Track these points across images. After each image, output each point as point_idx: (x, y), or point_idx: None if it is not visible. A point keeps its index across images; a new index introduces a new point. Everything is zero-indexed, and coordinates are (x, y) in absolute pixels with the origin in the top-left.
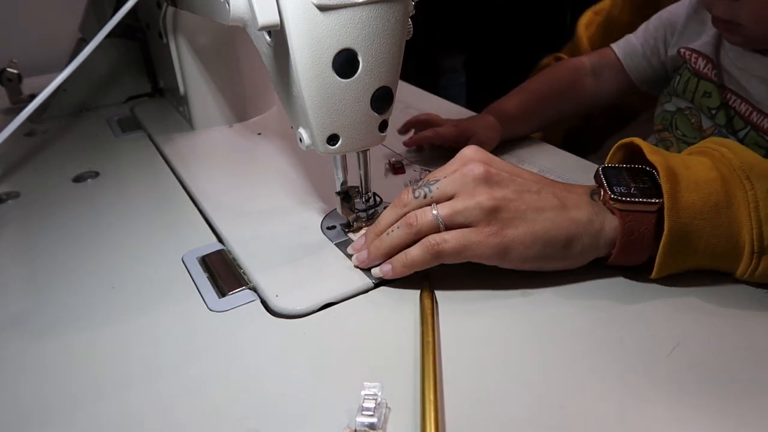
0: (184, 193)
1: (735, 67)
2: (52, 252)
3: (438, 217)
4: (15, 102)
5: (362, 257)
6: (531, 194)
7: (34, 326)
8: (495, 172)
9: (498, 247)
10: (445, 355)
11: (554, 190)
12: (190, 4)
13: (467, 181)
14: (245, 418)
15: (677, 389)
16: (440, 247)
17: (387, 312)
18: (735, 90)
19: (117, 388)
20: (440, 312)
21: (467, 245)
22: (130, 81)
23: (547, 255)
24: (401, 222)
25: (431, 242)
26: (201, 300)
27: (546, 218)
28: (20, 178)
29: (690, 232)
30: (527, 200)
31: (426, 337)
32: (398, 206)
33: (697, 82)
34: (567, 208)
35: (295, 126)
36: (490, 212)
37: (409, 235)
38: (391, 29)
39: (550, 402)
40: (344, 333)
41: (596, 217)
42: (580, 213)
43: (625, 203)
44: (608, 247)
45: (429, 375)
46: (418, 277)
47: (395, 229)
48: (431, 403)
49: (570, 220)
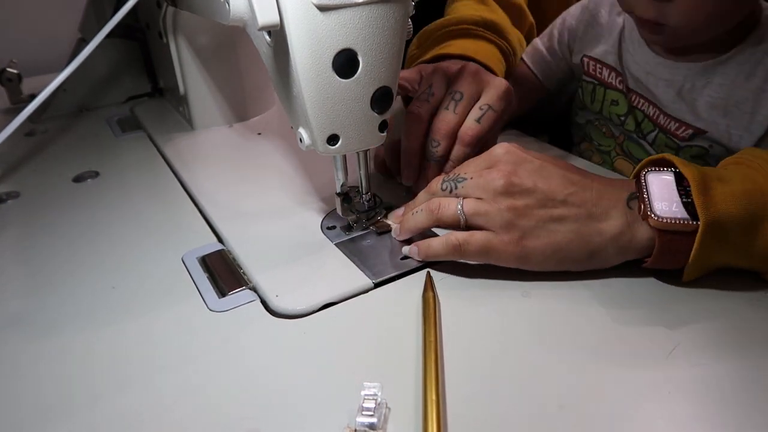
0: (184, 193)
1: (641, 71)
2: (52, 252)
3: (460, 211)
4: (15, 102)
5: (396, 231)
6: (555, 203)
7: (34, 326)
8: (518, 182)
9: (517, 255)
10: (446, 354)
11: (584, 196)
12: (190, 4)
13: (489, 188)
14: (245, 418)
15: (677, 389)
16: (462, 247)
17: (387, 312)
18: (642, 94)
19: (117, 388)
20: (442, 310)
21: (488, 251)
22: (130, 81)
23: (568, 263)
24: (425, 206)
25: (454, 241)
26: (201, 300)
27: (569, 230)
28: (20, 178)
29: (720, 248)
30: (550, 210)
31: (428, 336)
32: (429, 192)
33: (604, 92)
34: (594, 218)
35: (295, 126)
36: (509, 222)
37: (430, 221)
38: (391, 29)
39: (550, 402)
40: (344, 333)
41: (628, 228)
42: (609, 225)
43: (666, 224)
44: (637, 253)
45: (431, 375)
46: (420, 276)
47: (419, 212)
48: (433, 403)
49: (596, 232)
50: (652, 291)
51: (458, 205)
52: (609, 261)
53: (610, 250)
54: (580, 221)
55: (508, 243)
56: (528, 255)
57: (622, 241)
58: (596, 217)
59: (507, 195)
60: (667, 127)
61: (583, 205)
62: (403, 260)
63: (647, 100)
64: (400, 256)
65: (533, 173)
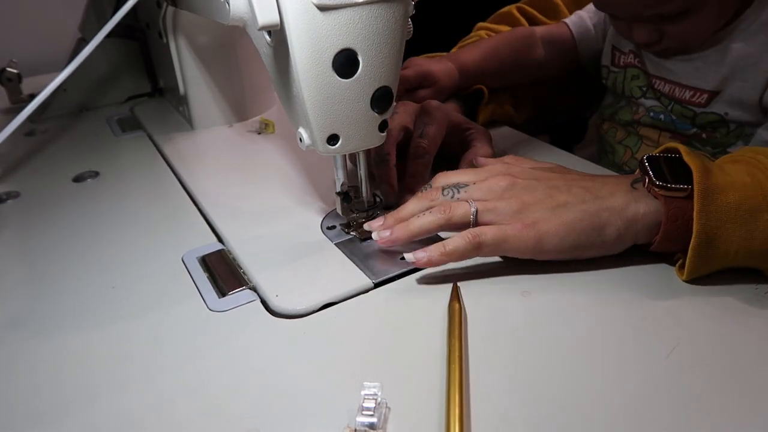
0: (184, 193)
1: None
2: (52, 252)
3: (472, 209)
4: (15, 102)
5: (385, 235)
6: (560, 193)
7: (34, 326)
8: (521, 182)
9: (533, 239)
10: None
11: (585, 185)
12: (190, 4)
13: (495, 189)
14: (245, 418)
15: (677, 389)
16: (480, 238)
17: (387, 312)
18: (658, 75)
19: (117, 387)
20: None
21: (505, 238)
22: (130, 81)
23: (582, 244)
24: (435, 208)
25: (473, 233)
26: (201, 300)
27: (578, 209)
28: (20, 178)
29: (718, 236)
30: (556, 198)
31: (452, 349)
32: (424, 199)
33: (624, 71)
34: (600, 198)
35: (295, 126)
36: (519, 212)
37: (441, 220)
38: (391, 29)
39: (550, 402)
40: (344, 333)
41: (633, 203)
42: (615, 200)
43: (670, 189)
44: (647, 232)
45: (454, 389)
46: (420, 276)
47: (426, 214)
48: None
49: (603, 208)
50: (652, 291)
51: (470, 203)
52: (621, 238)
53: (620, 224)
54: (587, 202)
55: (523, 228)
56: (542, 238)
57: (628, 213)
58: (602, 197)
59: (513, 191)
60: (682, 97)
61: (588, 190)
62: (402, 260)
63: (662, 79)
64: (399, 256)
65: (534, 172)
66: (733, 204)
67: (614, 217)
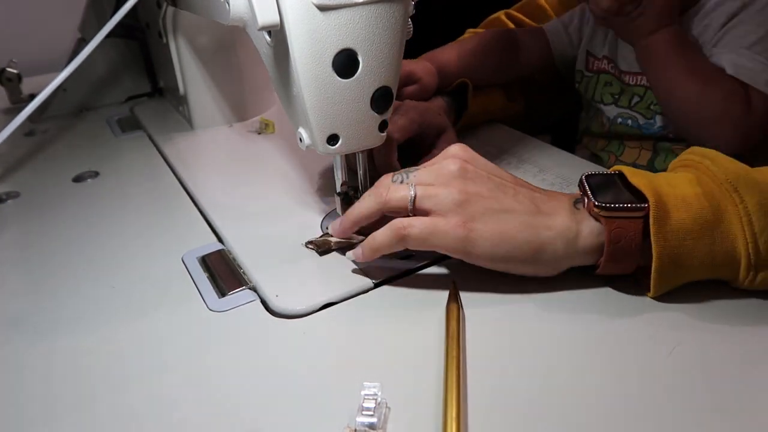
0: (184, 193)
1: (626, 48)
2: (52, 252)
3: (410, 194)
4: (15, 102)
5: (335, 225)
6: (506, 195)
7: (34, 326)
8: (472, 169)
9: (463, 239)
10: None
11: (533, 195)
12: (190, 4)
13: (443, 173)
14: (245, 417)
15: (677, 390)
16: (406, 231)
17: (387, 312)
18: (630, 71)
19: (116, 387)
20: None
21: (433, 232)
22: (130, 81)
23: (516, 257)
24: (372, 190)
25: (398, 225)
26: (201, 300)
27: (518, 220)
28: (20, 178)
29: (680, 254)
30: (500, 200)
31: (450, 351)
32: (375, 188)
33: (597, 77)
34: (542, 214)
35: (295, 126)
36: (459, 204)
37: (378, 204)
38: (391, 29)
39: (548, 402)
40: (344, 333)
41: (574, 224)
42: (556, 219)
43: (611, 210)
44: (587, 255)
45: (452, 391)
46: (420, 276)
47: (364, 198)
48: (453, 420)
49: (543, 226)
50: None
51: (409, 187)
52: (558, 261)
53: (559, 246)
54: (529, 215)
55: (455, 225)
56: (474, 240)
57: (569, 235)
58: (544, 213)
59: (460, 179)
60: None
61: (533, 202)
62: (402, 260)
63: (637, 74)
64: (399, 256)
65: (486, 166)
66: (687, 220)
67: (553, 236)
